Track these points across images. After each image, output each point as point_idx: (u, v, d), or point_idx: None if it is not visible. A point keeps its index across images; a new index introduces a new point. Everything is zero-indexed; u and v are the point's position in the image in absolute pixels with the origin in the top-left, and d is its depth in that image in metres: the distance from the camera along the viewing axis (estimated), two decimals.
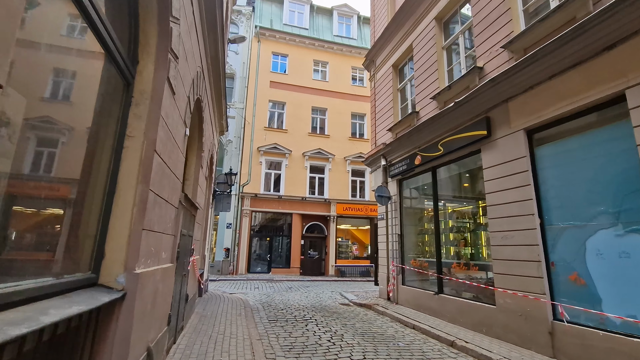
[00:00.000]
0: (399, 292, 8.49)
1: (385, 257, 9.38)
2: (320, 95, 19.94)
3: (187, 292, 5.34)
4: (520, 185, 5.15)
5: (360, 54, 21.11)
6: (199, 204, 6.27)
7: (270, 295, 10.29)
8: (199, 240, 6.78)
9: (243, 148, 17.90)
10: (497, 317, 5.38)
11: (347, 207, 18.69)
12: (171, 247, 3.78)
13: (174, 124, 3.34)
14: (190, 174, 5.79)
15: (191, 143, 5.82)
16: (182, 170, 4.14)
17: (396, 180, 9.20)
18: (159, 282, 3.15)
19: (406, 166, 8.52)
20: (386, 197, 9.11)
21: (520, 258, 5.05)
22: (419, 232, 8.66)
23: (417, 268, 8.05)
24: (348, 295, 10.50)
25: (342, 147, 19.47)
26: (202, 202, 6.95)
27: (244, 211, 17.20)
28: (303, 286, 13.29)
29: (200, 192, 6.38)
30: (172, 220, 3.68)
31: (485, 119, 5.94)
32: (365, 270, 18.14)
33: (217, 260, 16.60)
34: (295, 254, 17.69)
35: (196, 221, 6.04)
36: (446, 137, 6.98)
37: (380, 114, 10.55)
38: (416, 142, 8.10)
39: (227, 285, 12.75)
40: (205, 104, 5.96)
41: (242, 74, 18.91)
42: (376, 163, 10.28)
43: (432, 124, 7.33)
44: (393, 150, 9.22)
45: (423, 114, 8.08)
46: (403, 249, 8.76)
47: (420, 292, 7.58)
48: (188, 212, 4.80)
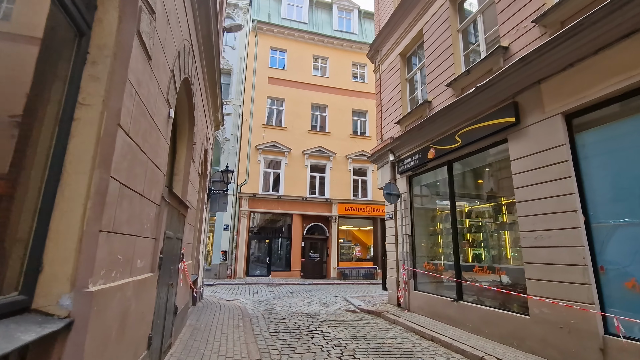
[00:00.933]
0: (411, 297, 7.81)
1: (394, 259, 8.70)
2: (320, 91, 19.28)
3: (177, 304, 4.64)
4: (558, 178, 4.48)
5: (361, 49, 20.48)
6: (190, 202, 5.58)
7: (270, 302, 9.59)
8: (191, 243, 6.08)
9: (241, 146, 17.19)
10: (531, 329, 4.70)
11: (348, 207, 18.01)
12: (151, 253, 3.08)
13: (150, 98, 2.64)
14: (179, 168, 5.09)
15: (181, 133, 5.13)
16: (166, 160, 3.45)
17: (406, 176, 8.52)
18: (130, 299, 2.45)
19: (417, 161, 7.84)
20: (395, 195, 8.43)
21: (560, 261, 4.38)
22: (432, 233, 7.99)
23: (431, 272, 7.37)
24: (354, 300, 9.81)
25: (343, 145, 18.80)
26: (195, 201, 6.25)
27: (242, 212, 16.48)
28: (304, 290, 12.59)
29: (192, 189, 5.68)
30: (151, 220, 2.99)
31: (512, 104, 5.27)
32: (368, 273, 17.45)
33: (214, 264, 15.87)
34: (296, 257, 16.98)
35: (187, 222, 5.35)
36: (465, 127, 6.32)
37: (387, 106, 9.88)
38: (429, 135, 7.43)
39: (225, 291, 12.03)
40: (197, 89, 5.27)
41: (239, 70, 18.22)
42: (383, 159, 9.61)
43: (447, 113, 6.67)
44: (402, 144, 8.55)
45: (436, 103, 7.41)
46: (414, 250, 8.08)
47: (436, 299, 6.90)
48: (175, 211, 4.11)
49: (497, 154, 5.93)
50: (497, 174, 6.27)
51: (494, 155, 6.05)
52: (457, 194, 6.87)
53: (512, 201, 5.76)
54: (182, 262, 4.85)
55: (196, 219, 7.79)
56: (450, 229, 6.99)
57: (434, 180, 7.92)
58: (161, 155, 3.17)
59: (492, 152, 5.99)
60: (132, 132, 2.26)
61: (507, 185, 5.90)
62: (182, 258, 4.79)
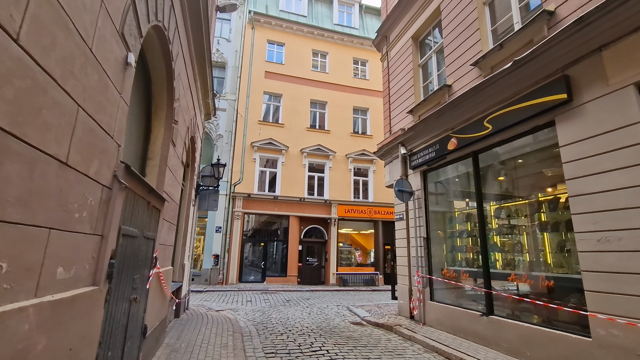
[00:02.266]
0: (427, 309, 6.83)
1: (405, 265, 7.72)
2: (320, 87, 18.36)
3: (146, 323, 3.61)
4: (633, 164, 3.56)
5: (362, 44, 19.68)
6: (170, 195, 4.57)
7: (265, 312, 8.54)
8: (170, 245, 5.05)
9: (235, 143, 16.18)
10: (595, 355, 3.74)
11: (349, 209, 17.02)
12: (92, 256, 2.07)
13: (79, 12, 1.66)
14: (154, 151, 4.09)
15: (157, 108, 4.13)
16: (123, 125, 2.45)
17: (419, 171, 7.58)
18: (33, 333, 1.44)
19: (434, 153, 6.91)
20: (408, 193, 7.48)
21: (637, 270, 3.44)
22: (451, 235, 7.04)
23: (452, 280, 6.40)
24: (358, 311, 8.80)
25: (343, 143, 17.86)
26: (177, 195, 5.23)
27: (236, 213, 15.43)
28: (303, 298, 11.55)
29: (172, 179, 4.67)
30: (91, 208, 1.98)
31: (562, 78, 4.36)
32: (369, 279, 16.44)
33: (204, 269, 14.76)
34: (293, 261, 15.93)
35: (164, 218, 4.33)
36: (496, 110, 5.39)
37: (396, 95, 8.96)
38: (449, 123, 6.51)
39: (215, 298, 10.95)
40: (179, 54, 4.28)
41: (234, 63, 17.25)
42: (392, 153, 8.67)
43: (474, 96, 5.75)
44: (415, 135, 7.62)
45: (458, 87, 6.50)
46: (430, 255, 7.11)
47: (459, 312, 5.92)
48: (142, 202, 3.10)
49: (540, 140, 5.00)
50: (536, 164, 5.35)
51: (535, 142, 5.12)
52: (486, 188, 5.92)
53: (557, 196, 4.83)
54: (155, 267, 3.83)
55: (182, 217, 6.76)
56: (475, 231, 6.05)
57: (454, 175, 6.99)
58: (110, 112, 2.18)
59: (531, 138, 5.07)
60: (28, 40, 1.27)
61: (552, 177, 4.98)
62: (154, 263, 3.77)
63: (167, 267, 4.87)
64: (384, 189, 18.09)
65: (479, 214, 5.79)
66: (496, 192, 6.09)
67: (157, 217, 3.84)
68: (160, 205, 3.93)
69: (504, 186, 6.01)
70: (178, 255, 6.76)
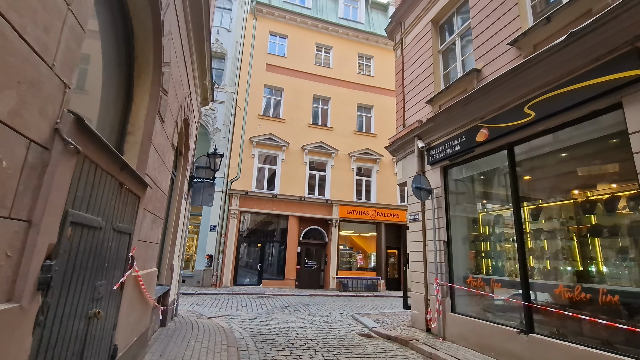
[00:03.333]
0: (447, 322, 6.04)
1: (421, 271, 6.94)
2: (323, 82, 17.59)
3: (116, 342, 2.78)
4: None
5: (368, 40, 18.99)
6: (155, 181, 3.75)
7: (262, 320, 7.71)
8: (155, 242, 4.22)
9: (233, 138, 15.35)
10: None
11: (350, 210, 16.23)
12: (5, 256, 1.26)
13: None
14: (136, 124, 3.28)
15: (140, 70, 3.33)
16: (74, 54, 1.64)
17: (439, 167, 6.82)
18: None
19: (458, 146, 6.15)
20: (426, 190, 6.71)
21: None
22: (476, 239, 6.27)
23: (479, 289, 5.63)
24: (365, 320, 7.99)
25: (346, 141, 17.09)
26: (165, 183, 4.41)
27: (232, 211, 14.58)
28: (302, 304, 10.72)
29: (159, 163, 3.86)
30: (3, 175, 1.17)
31: (633, 51, 3.62)
32: (370, 284, 15.63)
33: (197, 270, 13.88)
34: (291, 264, 15.09)
35: (147, 209, 3.51)
36: (540, 95, 4.65)
37: (411, 85, 8.21)
38: (478, 111, 5.76)
39: (207, 302, 10.08)
40: (170, 5, 3.47)
41: (234, 54, 16.45)
42: (406, 147, 7.91)
43: (511, 80, 5.01)
44: (435, 127, 6.86)
45: (490, 70, 5.75)
46: (451, 261, 6.34)
47: (489, 327, 5.14)
48: (112, 182, 2.29)
49: (599, 127, 4.26)
50: (590, 156, 4.61)
51: (591, 131, 4.37)
52: (522, 186, 5.16)
53: (615, 195, 4.08)
54: (132, 269, 3.00)
55: (171, 211, 5.93)
56: (508, 234, 5.29)
57: (482, 171, 6.23)
58: (48, 26, 1.37)
59: (587, 125, 4.32)
60: None
61: (611, 171, 4.23)
62: (130, 264, 2.95)
63: (150, 269, 4.04)
64: (388, 190, 17.37)
65: (516, 215, 5.02)
66: (536, 190, 5.33)
67: (136, 205, 3.02)
68: (141, 191, 3.11)
69: (545, 183, 5.25)
70: (166, 255, 5.92)
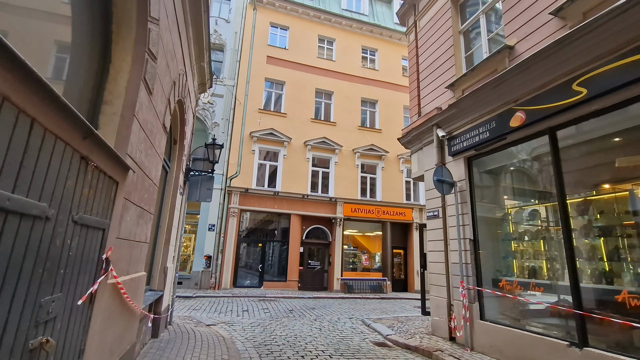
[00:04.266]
0: (476, 330, 5.37)
1: (442, 273, 6.28)
2: (326, 76, 16.91)
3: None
4: None
5: (372, 32, 18.32)
6: (141, 166, 3.06)
7: (266, 327, 7.02)
8: (143, 242, 3.53)
9: (232, 133, 14.65)
10: None
11: (355, 209, 15.56)
12: None
13: None
14: (115, 91, 2.60)
15: (120, 22, 2.64)
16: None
17: (463, 158, 6.15)
18: None
19: (487, 134, 5.48)
20: (449, 184, 6.04)
21: None
22: (507, 237, 5.61)
23: (517, 295, 4.96)
24: (378, 326, 7.32)
25: (350, 137, 16.42)
26: (155, 171, 3.71)
27: (231, 210, 13.88)
28: (307, 308, 10.04)
29: (146, 144, 3.17)
30: None
31: None
32: (376, 285, 14.96)
33: (195, 271, 13.18)
34: (293, 264, 14.40)
35: (131, 200, 2.83)
36: (594, 69, 3.99)
37: (427, 71, 7.55)
38: (512, 93, 5.09)
39: (206, 306, 9.39)
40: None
41: (233, 46, 15.75)
42: (423, 138, 7.24)
43: (555, 54, 4.35)
44: (457, 115, 6.20)
45: (526, 46, 5.09)
46: (479, 262, 5.68)
47: (529, 338, 4.47)
48: (69, 152, 1.60)
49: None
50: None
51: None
52: (567, 177, 4.50)
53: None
54: (107, 275, 2.32)
55: (165, 207, 5.25)
56: (548, 232, 4.64)
57: (514, 161, 5.58)
58: None
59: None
60: None
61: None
62: (105, 268, 2.26)
63: (136, 274, 3.35)
64: (394, 187, 16.70)
65: (562, 210, 4.36)
66: (584, 181, 4.67)
67: (112, 192, 2.33)
68: (120, 175, 2.42)
69: (596, 172, 4.59)
70: (159, 256, 5.23)
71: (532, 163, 5.28)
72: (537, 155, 5.08)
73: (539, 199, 5.21)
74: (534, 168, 5.27)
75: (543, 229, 5.05)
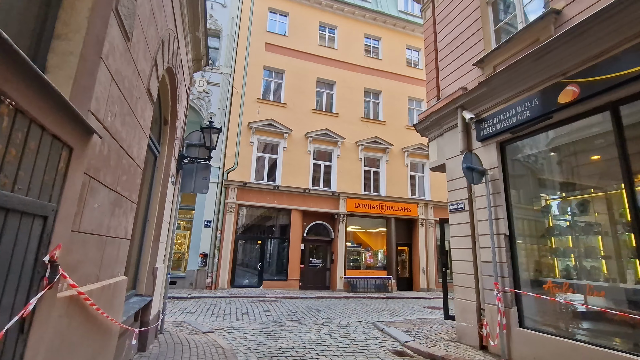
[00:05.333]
0: (514, 339, 4.67)
1: (470, 273, 5.57)
2: (327, 65, 16.12)
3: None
4: None
5: (375, 20, 17.54)
6: (116, 136, 2.28)
7: (270, 333, 6.28)
8: (122, 237, 2.75)
9: (229, 124, 13.82)
10: None
11: (359, 204, 14.84)
12: None
13: None
14: (72, 21, 1.82)
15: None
16: None
17: (495, 143, 5.43)
18: None
19: (528, 113, 4.76)
20: (479, 172, 5.32)
21: None
22: (551, 232, 4.91)
23: (565, 298, 4.26)
24: (393, 331, 6.61)
25: (353, 129, 15.66)
26: (137, 147, 2.92)
27: (229, 205, 13.08)
28: (311, 309, 9.32)
29: (122, 105, 2.39)
30: None
31: None
32: (381, 284, 14.28)
33: (190, 270, 12.38)
34: (294, 262, 13.66)
35: (100, 181, 2.05)
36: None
37: (449, 48, 6.81)
38: (560, 65, 4.37)
39: (202, 309, 8.62)
40: None
41: (230, 32, 14.89)
42: (443, 123, 6.52)
43: (618, 14, 3.63)
44: (488, 94, 5.47)
45: (576, 9, 4.36)
46: (516, 261, 4.97)
47: (586, 351, 3.77)
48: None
49: None
50: None
51: None
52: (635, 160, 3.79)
53: None
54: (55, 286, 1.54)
55: (153, 197, 4.47)
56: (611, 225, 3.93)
57: (561, 144, 4.86)
58: None
59: None
60: None
61: None
62: (49, 277, 1.48)
63: (112, 279, 2.58)
64: (398, 181, 15.98)
65: (630, 199, 3.65)
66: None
67: (63, 163, 1.56)
68: (76, 140, 1.65)
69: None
70: (146, 254, 4.45)
71: (584, 145, 4.57)
72: (591, 136, 4.37)
73: (594, 188, 4.50)
74: (585, 151, 4.56)
75: (594, 223, 4.35)
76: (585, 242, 4.43)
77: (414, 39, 18.18)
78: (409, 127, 16.88)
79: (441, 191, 16.48)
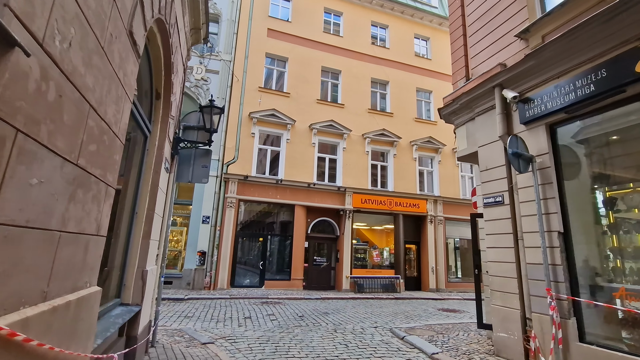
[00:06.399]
0: (573, 356, 3.93)
1: (513, 277, 4.82)
2: (333, 53, 15.29)
3: None
4: None
5: (383, 7, 16.72)
6: (74, 74, 1.47)
7: (278, 343, 5.51)
8: (91, 234, 1.97)
9: (229, 113, 12.99)
10: None
11: (365, 199, 14.07)
12: None
13: None
14: None
15: None
16: None
17: (544, 125, 4.66)
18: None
19: (592, 87, 3.98)
20: (526, 159, 4.56)
21: None
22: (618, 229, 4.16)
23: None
24: (415, 340, 5.86)
25: (359, 121, 14.87)
26: (113, 109, 2.12)
27: (228, 200, 12.27)
28: (319, 312, 8.56)
29: (84, 34, 1.58)
30: None
31: None
32: (388, 284, 13.55)
33: (187, 269, 11.58)
34: (298, 261, 12.89)
35: (42, 142, 1.25)
36: None
37: (482, 21, 6.02)
38: (637, 27, 3.60)
39: (200, 312, 7.83)
40: None
41: (230, 17, 14.01)
42: (475, 106, 5.75)
43: None
44: (534, 69, 4.70)
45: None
46: (572, 263, 4.22)
47: None
48: None
49: None
50: None
51: None
52: None
53: None
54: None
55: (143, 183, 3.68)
56: None
57: (630, 125, 4.10)
58: None
59: None
60: None
61: None
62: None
63: (75, 294, 1.79)
64: (406, 176, 15.20)
65: None
66: None
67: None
68: None
69: None
70: (134, 255, 3.65)
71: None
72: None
73: None
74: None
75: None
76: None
77: (422, 28, 17.38)
78: (417, 120, 16.14)
79: (451, 187, 15.76)
